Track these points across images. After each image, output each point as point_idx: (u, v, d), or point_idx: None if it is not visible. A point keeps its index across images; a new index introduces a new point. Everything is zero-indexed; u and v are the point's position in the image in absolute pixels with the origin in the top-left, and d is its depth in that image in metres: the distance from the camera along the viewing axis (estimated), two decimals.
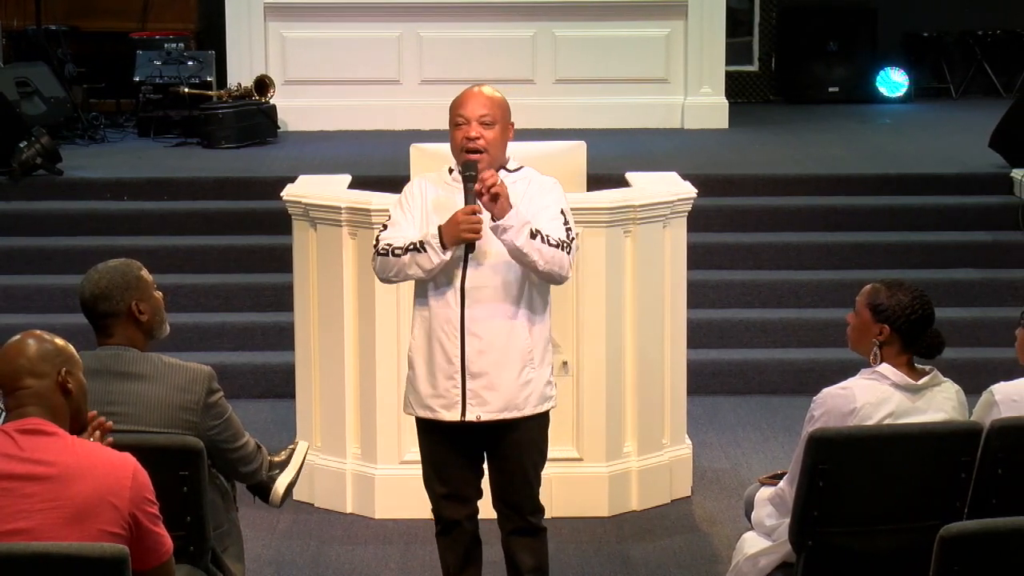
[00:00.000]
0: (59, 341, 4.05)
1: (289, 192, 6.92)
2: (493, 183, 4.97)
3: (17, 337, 4.04)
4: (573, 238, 5.10)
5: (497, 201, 4.96)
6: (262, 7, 12.06)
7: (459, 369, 5.11)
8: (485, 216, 5.02)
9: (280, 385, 8.11)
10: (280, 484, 4.94)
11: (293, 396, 7.04)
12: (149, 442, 4.38)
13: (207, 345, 8.57)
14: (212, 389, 4.64)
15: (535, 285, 5.14)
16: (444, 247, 5.02)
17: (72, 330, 4.91)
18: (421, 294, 5.21)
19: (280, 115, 11.75)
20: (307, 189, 6.95)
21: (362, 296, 6.64)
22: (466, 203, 5.04)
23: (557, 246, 5.02)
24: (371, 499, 6.72)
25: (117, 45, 12.59)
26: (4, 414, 4.09)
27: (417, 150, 6.87)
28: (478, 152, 5.09)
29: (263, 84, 11.73)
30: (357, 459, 6.76)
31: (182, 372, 4.61)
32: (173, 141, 11.55)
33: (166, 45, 12.29)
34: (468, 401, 5.12)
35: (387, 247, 5.12)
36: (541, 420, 5.25)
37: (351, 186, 7.08)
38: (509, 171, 5.21)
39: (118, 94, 12.58)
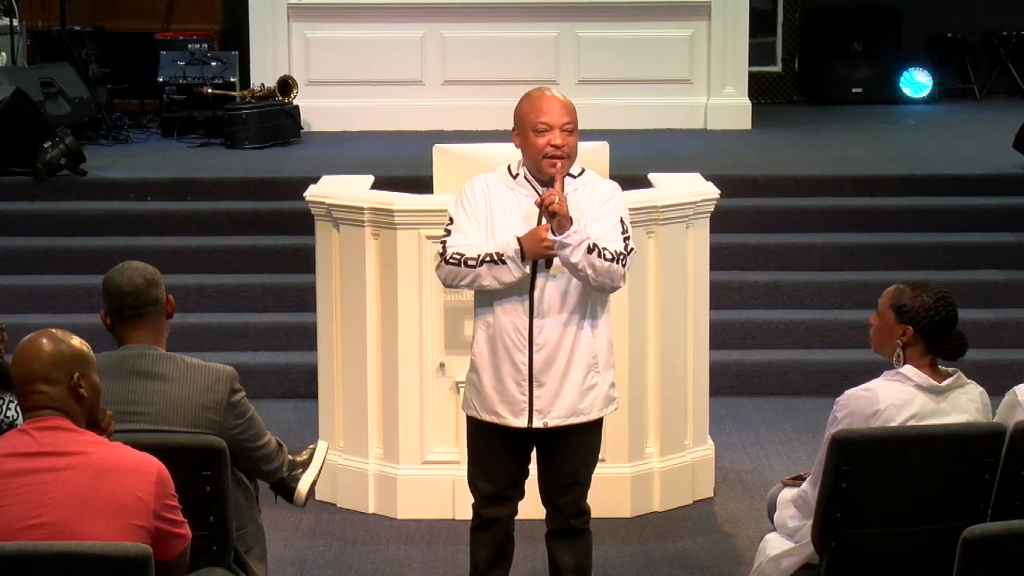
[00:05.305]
0: (74, 341, 4.03)
1: (312, 192, 6.93)
2: (551, 201, 4.93)
3: (31, 337, 4.01)
4: (631, 249, 5.08)
5: (555, 218, 4.94)
6: (285, 8, 12.07)
7: (527, 377, 5.10)
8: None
9: (303, 385, 8.11)
10: (304, 484, 4.96)
11: (316, 396, 7.04)
12: (172, 442, 4.39)
13: (230, 345, 8.58)
14: (234, 389, 4.65)
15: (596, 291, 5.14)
16: (523, 261, 5.01)
17: (96, 331, 4.91)
18: (486, 303, 5.16)
19: (303, 115, 11.76)
20: (330, 189, 6.96)
21: (384, 296, 6.65)
22: (548, 219, 5.01)
23: (612, 260, 4.99)
24: (393, 499, 6.72)
25: (141, 46, 12.62)
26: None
27: (440, 151, 6.88)
28: (560, 158, 5.05)
29: (286, 84, 11.74)
30: (379, 459, 6.77)
31: (205, 372, 4.63)
32: (197, 141, 11.57)
33: (190, 46, 12.30)
34: (535, 408, 5.12)
35: (457, 256, 5.05)
36: (600, 425, 5.27)
37: (374, 187, 7.08)
38: (573, 176, 5.17)
39: (142, 94, 12.60)
